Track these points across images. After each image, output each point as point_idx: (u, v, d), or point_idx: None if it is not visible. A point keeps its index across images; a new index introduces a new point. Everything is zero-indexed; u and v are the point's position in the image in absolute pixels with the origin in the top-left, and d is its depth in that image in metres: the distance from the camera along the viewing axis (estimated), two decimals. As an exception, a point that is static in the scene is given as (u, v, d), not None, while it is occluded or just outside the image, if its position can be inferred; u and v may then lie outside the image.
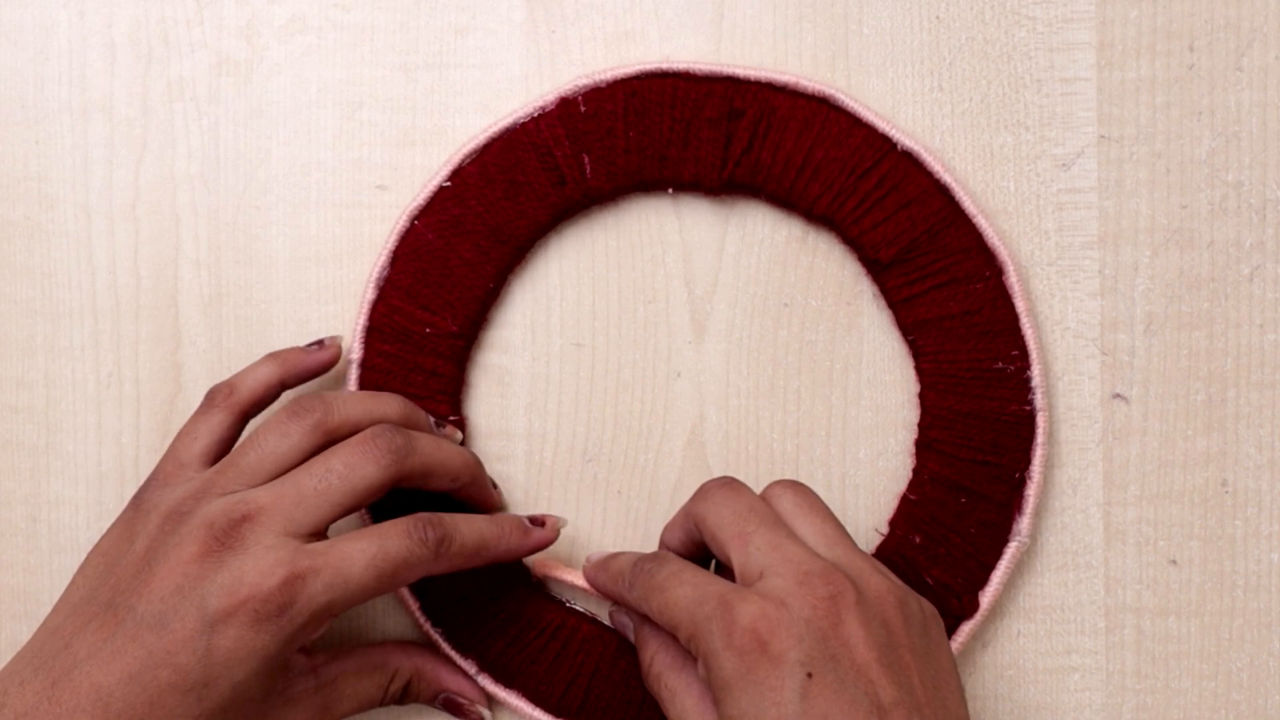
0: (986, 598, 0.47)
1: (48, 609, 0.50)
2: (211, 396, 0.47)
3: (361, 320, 0.49)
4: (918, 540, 0.48)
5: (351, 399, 0.45)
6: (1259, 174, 0.48)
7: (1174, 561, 0.49)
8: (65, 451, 0.50)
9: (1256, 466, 0.48)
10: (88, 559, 0.44)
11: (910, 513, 0.48)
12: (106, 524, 0.50)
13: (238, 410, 0.46)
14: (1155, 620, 0.49)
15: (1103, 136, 0.49)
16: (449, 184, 0.49)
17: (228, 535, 0.41)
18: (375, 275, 0.49)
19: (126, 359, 0.50)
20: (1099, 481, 0.49)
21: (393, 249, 0.49)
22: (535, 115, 0.48)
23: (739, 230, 0.50)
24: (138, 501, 0.45)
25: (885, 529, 0.48)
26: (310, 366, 0.48)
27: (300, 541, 0.41)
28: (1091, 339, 0.49)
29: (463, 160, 0.49)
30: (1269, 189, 0.49)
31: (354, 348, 0.49)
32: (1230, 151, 0.49)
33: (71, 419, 0.50)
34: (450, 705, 0.47)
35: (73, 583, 0.44)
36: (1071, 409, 0.49)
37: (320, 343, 0.49)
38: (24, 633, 0.50)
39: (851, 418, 0.49)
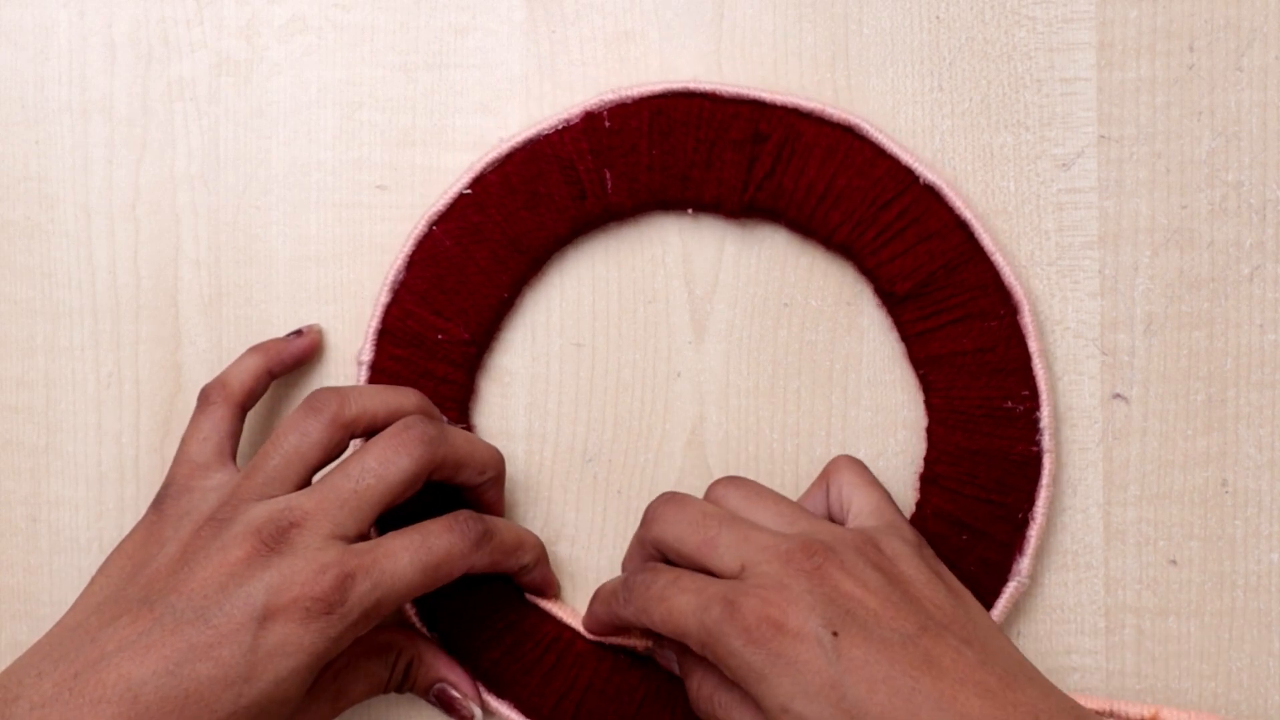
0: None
1: (48, 609, 0.50)
2: (207, 394, 0.47)
3: (374, 323, 0.49)
4: None
5: (367, 391, 0.45)
6: (1259, 174, 0.48)
7: (1174, 561, 0.49)
8: (65, 451, 0.50)
9: (1256, 466, 0.48)
10: (109, 562, 0.44)
11: None
12: (107, 524, 0.50)
13: (235, 403, 0.47)
14: (1155, 620, 0.49)
15: (1103, 136, 0.49)
16: (469, 191, 0.49)
17: (276, 541, 0.41)
18: (390, 278, 0.49)
19: (126, 359, 0.50)
20: (1099, 481, 0.49)
21: (409, 253, 0.49)
22: (560, 128, 0.48)
23: (739, 230, 0.50)
24: (160, 508, 0.44)
25: None
26: (293, 354, 0.49)
27: (345, 543, 0.42)
28: (1091, 339, 0.49)
29: (485, 168, 0.49)
30: (1269, 189, 0.49)
31: (365, 350, 0.49)
32: (1230, 151, 0.49)
33: (71, 419, 0.50)
34: (444, 698, 0.47)
35: (93, 584, 0.43)
36: (1071, 409, 0.49)
37: (299, 332, 0.49)
38: (24, 632, 0.50)
39: (851, 418, 0.49)
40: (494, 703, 0.48)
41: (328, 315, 0.50)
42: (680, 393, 0.50)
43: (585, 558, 0.50)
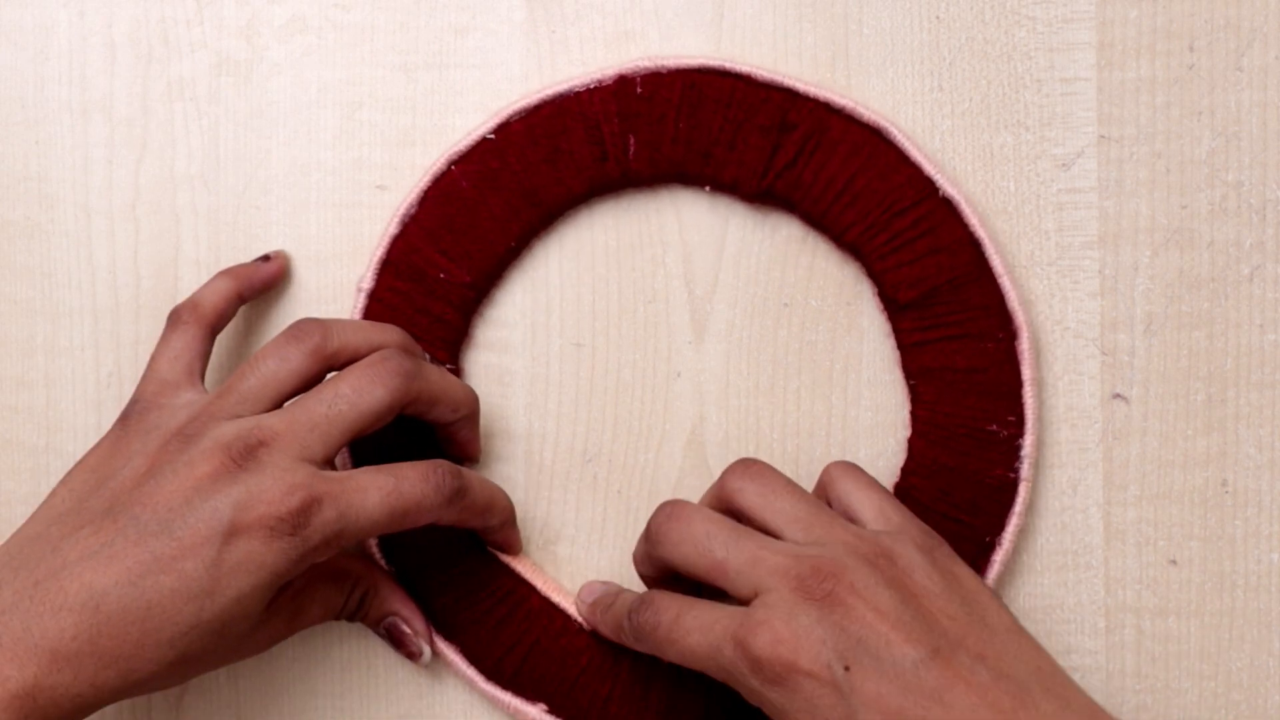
0: None
1: (48, 609, 0.50)
2: (177, 314, 0.47)
3: (379, 252, 0.49)
4: None
5: (350, 325, 0.45)
6: (1259, 174, 0.48)
7: (1174, 561, 0.49)
8: (65, 451, 0.50)
9: (1256, 466, 0.48)
10: (71, 474, 0.44)
11: None
12: (106, 524, 0.50)
13: (206, 325, 0.47)
14: (1155, 620, 0.49)
15: (1103, 136, 0.49)
16: (493, 136, 0.48)
17: (244, 458, 0.41)
18: (402, 211, 0.49)
19: (126, 359, 0.50)
20: (1099, 481, 0.49)
21: (424, 188, 0.49)
22: (591, 87, 0.48)
23: (739, 230, 0.50)
24: (125, 423, 0.44)
25: None
26: (262, 278, 0.49)
27: (315, 467, 0.42)
28: (1091, 339, 0.49)
29: (511, 116, 0.49)
30: (1269, 189, 0.49)
31: (367, 278, 0.49)
32: (1230, 151, 0.49)
33: (71, 419, 0.50)
34: (394, 632, 0.47)
35: (54, 495, 0.43)
36: (1071, 409, 0.49)
37: (266, 257, 0.49)
38: (24, 633, 0.50)
39: (851, 418, 0.49)
40: (441, 645, 0.48)
41: (327, 315, 0.50)
42: (680, 393, 0.50)
43: (585, 558, 0.50)
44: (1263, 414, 0.48)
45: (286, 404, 0.44)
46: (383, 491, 0.42)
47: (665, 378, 0.50)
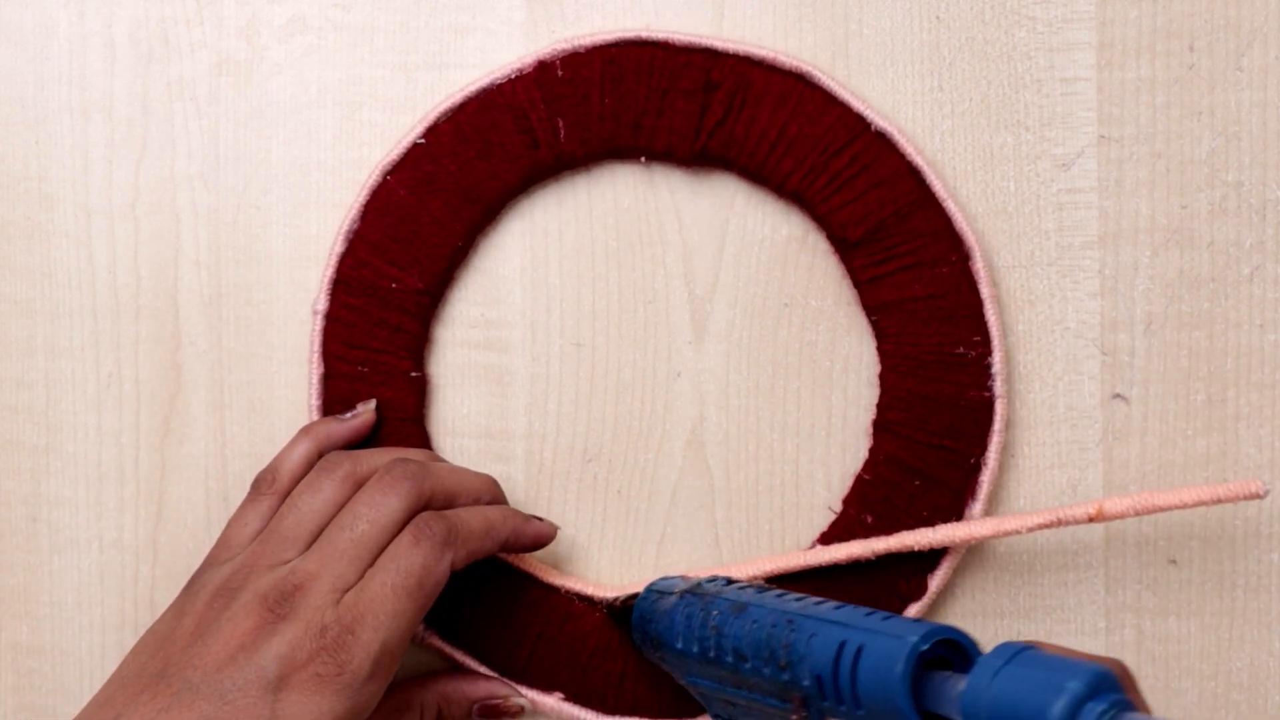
0: (935, 582, 0.47)
1: (48, 609, 0.50)
2: (257, 486, 0.47)
3: (329, 273, 0.49)
4: (870, 520, 0.47)
5: (378, 452, 0.46)
6: (1259, 174, 0.48)
7: (1174, 561, 0.49)
8: (65, 451, 0.50)
9: (1256, 466, 0.48)
10: (141, 639, 0.44)
11: (864, 493, 0.48)
12: (106, 524, 0.50)
13: (282, 496, 0.47)
14: (1155, 620, 0.49)
15: (1103, 136, 0.49)
16: (423, 141, 0.49)
17: (281, 605, 0.41)
18: (345, 228, 0.49)
19: (126, 359, 0.50)
20: (1099, 481, 0.49)
21: (363, 203, 0.49)
22: (512, 77, 0.49)
23: (739, 230, 0.50)
24: (190, 584, 0.45)
25: (839, 507, 0.48)
26: (343, 434, 0.48)
27: (344, 596, 0.42)
28: (1091, 339, 0.49)
29: (438, 118, 0.49)
30: (1269, 189, 0.49)
31: (320, 299, 0.49)
32: (1230, 151, 0.49)
33: (71, 419, 0.50)
34: (487, 711, 0.48)
35: (124, 661, 0.44)
36: (1072, 409, 0.49)
37: (354, 409, 0.49)
38: (24, 633, 0.50)
39: (851, 418, 0.49)
40: (450, 649, 0.48)
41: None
42: (680, 393, 0.50)
43: (585, 558, 0.50)
44: (1263, 414, 0.48)
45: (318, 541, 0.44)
46: (391, 577, 0.42)
47: (665, 378, 0.50)
